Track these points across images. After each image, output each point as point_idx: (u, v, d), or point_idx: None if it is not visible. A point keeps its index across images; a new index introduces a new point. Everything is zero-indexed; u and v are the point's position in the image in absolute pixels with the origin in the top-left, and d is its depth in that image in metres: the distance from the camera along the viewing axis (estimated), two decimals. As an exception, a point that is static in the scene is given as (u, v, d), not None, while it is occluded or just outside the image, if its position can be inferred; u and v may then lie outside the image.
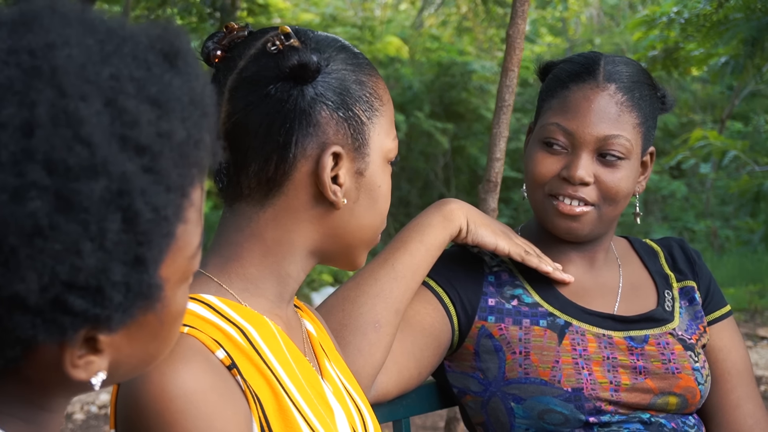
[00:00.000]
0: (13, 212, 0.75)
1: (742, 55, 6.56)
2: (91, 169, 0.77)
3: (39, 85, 0.78)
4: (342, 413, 1.31)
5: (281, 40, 1.26)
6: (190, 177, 0.85)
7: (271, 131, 1.26)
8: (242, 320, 1.24)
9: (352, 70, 1.30)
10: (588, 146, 1.74)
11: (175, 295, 0.89)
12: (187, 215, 0.86)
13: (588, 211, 1.75)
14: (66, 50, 0.79)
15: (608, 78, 1.75)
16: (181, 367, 1.12)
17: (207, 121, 0.87)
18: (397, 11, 15.24)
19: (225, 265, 1.29)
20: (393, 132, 1.35)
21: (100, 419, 5.36)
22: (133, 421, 1.14)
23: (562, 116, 1.75)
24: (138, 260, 0.81)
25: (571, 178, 1.73)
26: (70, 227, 0.77)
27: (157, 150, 0.81)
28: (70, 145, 0.77)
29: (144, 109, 0.81)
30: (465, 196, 12.40)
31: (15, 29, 0.81)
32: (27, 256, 0.76)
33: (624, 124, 1.74)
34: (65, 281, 0.78)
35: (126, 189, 0.79)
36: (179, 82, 0.85)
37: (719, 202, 13.66)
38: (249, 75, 1.27)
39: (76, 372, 0.84)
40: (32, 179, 0.76)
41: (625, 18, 15.07)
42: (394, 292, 1.65)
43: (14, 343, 0.81)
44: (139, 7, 8.78)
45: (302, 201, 1.28)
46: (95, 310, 0.80)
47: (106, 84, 0.80)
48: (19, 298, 0.77)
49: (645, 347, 1.77)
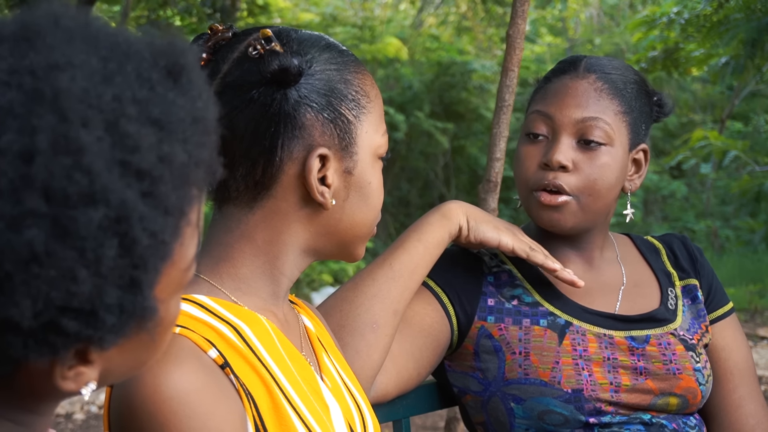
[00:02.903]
0: (9, 240, 0.75)
1: (743, 55, 6.56)
2: (90, 197, 0.76)
3: (40, 110, 0.76)
4: (338, 409, 1.31)
5: (262, 44, 1.26)
6: (189, 198, 0.84)
7: (256, 135, 1.26)
8: (235, 318, 1.24)
9: (336, 70, 1.29)
10: (567, 129, 1.74)
11: (168, 308, 0.88)
12: (185, 234, 0.85)
13: (568, 201, 1.74)
14: (69, 72, 0.78)
15: (588, 69, 1.78)
16: (173, 368, 1.12)
17: (208, 140, 0.87)
18: (397, 11, 15.23)
19: (216, 266, 1.29)
20: (382, 127, 1.34)
21: (100, 419, 5.37)
22: (126, 422, 1.13)
23: (542, 103, 1.78)
24: (133, 283, 0.80)
25: (550, 163, 1.73)
26: (67, 254, 0.76)
27: (157, 175, 0.80)
28: (69, 173, 0.76)
29: (145, 132, 0.80)
30: (465, 196, 12.40)
31: (17, 46, 0.79)
32: (22, 282, 0.76)
33: (604, 108, 1.74)
34: (59, 306, 0.77)
35: (124, 216, 0.78)
36: (182, 101, 0.84)
37: (719, 202, 13.67)
38: (232, 80, 1.27)
39: (65, 383, 0.84)
40: (30, 207, 0.75)
41: (625, 18, 15.07)
42: (392, 292, 1.65)
43: (5, 361, 0.81)
44: (139, 8, 8.78)
45: (291, 203, 1.28)
46: (88, 332, 0.79)
47: (108, 107, 0.79)
48: (12, 322, 0.77)
49: (646, 347, 1.76)
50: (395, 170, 12.34)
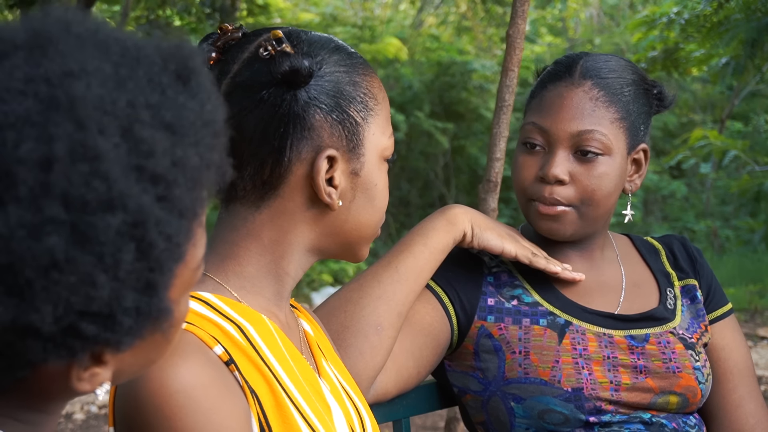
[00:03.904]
0: (30, 247, 0.76)
1: (743, 55, 6.56)
2: (108, 203, 0.77)
3: (57, 118, 0.77)
4: (339, 411, 1.31)
5: (273, 45, 1.27)
6: (201, 200, 0.86)
7: (265, 135, 1.26)
8: (240, 318, 1.24)
9: (345, 72, 1.30)
10: (563, 143, 1.74)
11: (179, 307, 0.89)
12: (197, 235, 0.87)
13: (567, 212, 1.74)
14: (84, 79, 0.79)
15: (584, 75, 1.76)
16: (179, 363, 1.12)
17: (218, 142, 0.88)
18: (397, 11, 15.23)
19: (222, 264, 1.29)
20: (389, 130, 1.35)
21: (100, 419, 5.37)
22: (132, 417, 1.14)
23: (538, 115, 1.77)
24: (149, 286, 0.81)
25: (546, 177, 1.73)
26: (86, 259, 0.77)
27: (172, 179, 0.81)
28: (87, 180, 0.77)
29: (159, 137, 0.81)
30: (465, 196, 12.40)
31: (31, 54, 0.80)
32: (42, 288, 0.77)
33: (600, 119, 1.74)
34: (78, 310, 0.78)
35: (141, 221, 0.79)
36: (193, 105, 0.85)
37: (719, 202, 13.67)
38: (242, 80, 1.27)
39: (81, 384, 0.85)
40: (50, 215, 0.76)
41: (625, 18, 15.07)
42: (396, 294, 1.65)
43: (24, 364, 0.82)
44: (138, 7, 8.78)
45: (298, 203, 1.29)
46: (106, 335, 0.81)
47: (123, 113, 0.80)
48: (32, 328, 0.78)
49: (646, 346, 1.76)
50: (395, 170, 12.33)
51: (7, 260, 0.76)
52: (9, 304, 0.76)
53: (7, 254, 0.75)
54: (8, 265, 0.76)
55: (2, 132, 0.76)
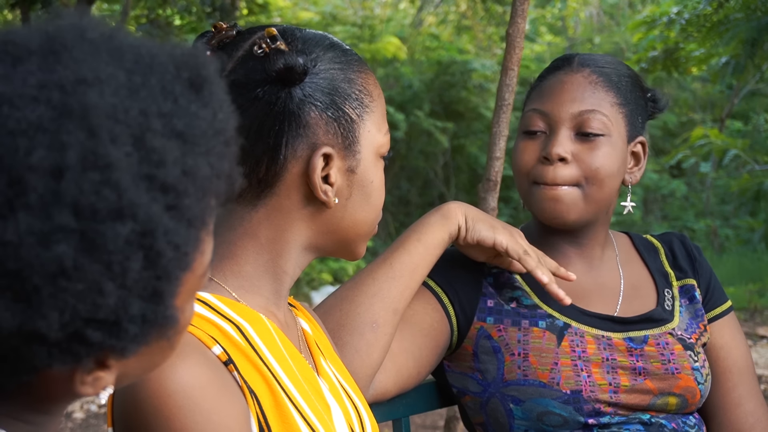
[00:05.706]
0: (39, 254, 0.76)
1: (743, 55, 6.57)
2: (118, 212, 0.78)
3: (69, 126, 0.77)
4: (339, 410, 1.31)
5: (267, 43, 1.27)
6: (210, 208, 0.86)
7: (261, 134, 1.26)
8: (238, 317, 1.24)
9: (340, 69, 1.30)
10: (564, 123, 1.75)
11: (184, 313, 0.89)
12: (204, 243, 0.87)
13: (571, 191, 1.74)
14: (97, 87, 0.79)
15: (582, 63, 1.79)
16: (178, 363, 1.12)
17: (229, 151, 0.88)
18: (397, 10, 15.23)
19: (220, 263, 1.29)
20: (384, 126, 1.35)
21: (100, 418, 5.37)
22: (131, 417, 1.14)
23: (539, 101, 1.79)
24: (156, 294, 0.82)
25: (549, 156, 1.73)
26: (94, 268, 0.77)
27: (182, 189, 0.81)
28: (98, 188, 0.77)
29: (170, 146, 0.81)
30: (465, 195, 12.39)
31: (44, 60, 0.80)
32: (49, 295, 0.77)
33: (600, 100, 1.76)
34: (85, 317, 0.78)
35: (150, 230, 0.79)
36: (204, 113, 0.85)
37: (719, 201, 13.67)
38: (237, 78, 1.27)
39: (84, 388, 0.85)
40: (59, 223, 0.76)
41: (625, 17, 15.07)
42: (392, 291, 1.65)
43: (29, 369, 0.82)
44: (138, 7, 8.78)
45: (294, 201, 1.29)
46: (111, 341, 0.81)
47: (135, 122, 0.80)
48: (38, 334, 0.78)
49: (644, 348, 1.76)
50: (395, 169, 12.33)
51: (15, 267, 0.76)
52: (16, 310, 0.77)
53: (15, 261, 0.76)
54: (16, 272, 0.76)
55: (14, 139, 0.76)
